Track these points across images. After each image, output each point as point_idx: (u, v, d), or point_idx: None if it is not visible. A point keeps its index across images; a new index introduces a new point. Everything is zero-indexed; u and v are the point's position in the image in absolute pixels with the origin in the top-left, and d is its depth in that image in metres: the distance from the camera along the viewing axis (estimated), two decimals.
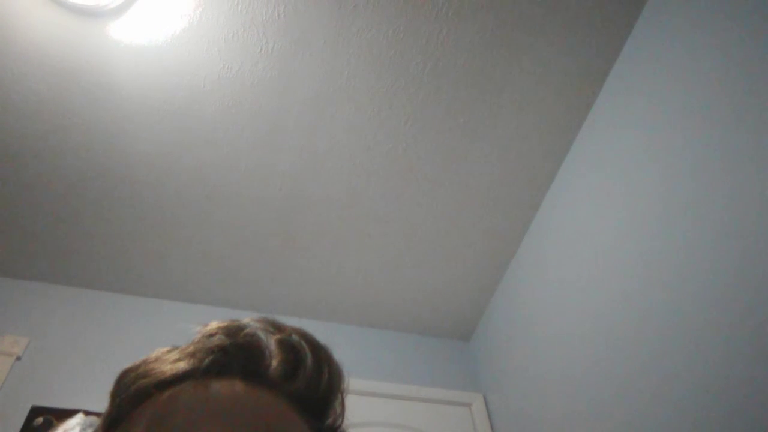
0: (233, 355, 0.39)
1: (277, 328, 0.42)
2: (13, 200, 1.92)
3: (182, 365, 0.39)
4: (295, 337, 0.42)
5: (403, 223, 2.11)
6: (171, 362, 0.39)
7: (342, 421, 0.42)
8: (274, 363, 0.40)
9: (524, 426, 1.97)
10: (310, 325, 2.40)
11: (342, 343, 2.39)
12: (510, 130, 1.88)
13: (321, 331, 2.41)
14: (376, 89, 1.75)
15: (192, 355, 0.39)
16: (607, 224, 1.69)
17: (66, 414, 1.77)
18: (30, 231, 2.01)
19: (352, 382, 2.17)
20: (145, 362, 0.40)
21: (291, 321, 0.44)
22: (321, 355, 0.42)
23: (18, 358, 1.89)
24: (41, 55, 1.61)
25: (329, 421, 0.41)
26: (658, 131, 1.53)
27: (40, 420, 1.74)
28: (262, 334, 0.41)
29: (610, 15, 1.65)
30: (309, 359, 0.41)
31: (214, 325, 0.42)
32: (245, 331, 0.41)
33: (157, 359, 0.40)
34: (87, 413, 1.78)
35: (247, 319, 0.42)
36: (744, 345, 1.16)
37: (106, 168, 1.86)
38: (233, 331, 0.41)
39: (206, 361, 0.38)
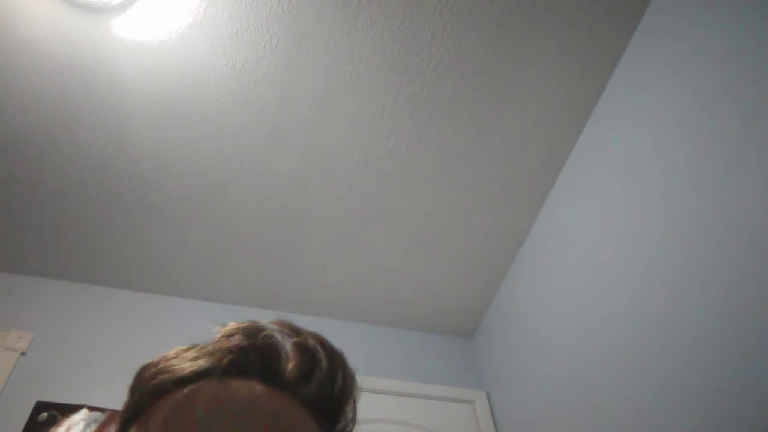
0: (251, 357, 0.40)
1: (294, 331, 0.43)
2: (17, 196, 1.92)
3: (201, 363, 0.40)
4: (311, 341, 0.42)
5: (407, 219, 2.10)
6: (190, 360, 0.40)
7: (353, 426, 0.43)
8: (290, 366, 0.41)
9: (527, 423, 1.97)
10: (312, 322, 2.40)
11: (345, 340, 2.38)
12: (514, 127, 1.87)
13: (323, 329, 2.41)
14: (380, 85, 1.75)
15: (211, 354, 0.40)
16: (611, 222, 1.68)
17: (70, 409, 1.78)
18: (34, 227, 2.01)
19: None
20: (164, 358, 0.41)
21: (293, 318, 0.45)
22: (336, 360, 0.42)
23: (23, 354, 1.90)
24: (45, 51, 1.61)
25: (340, 425, 0.42)
26: (662, 128, 1.52)
27: (44, 415, 1.75)
28: (279, 337, 0.42)
29: (614, 11, 1.64)
30: (324, 363, 0.42)
31: (233, 325, 0.43)
32: (264, 333, 0.42)
33: (176, 356, 0.41)
34: (91, 408, 1.79)
35: (266, 321, 0.43)
36: (747, 345, 1.16)
37: (111, 164, 1.87)
38: (252, 332, 0.42)
39: (225, 360, 0.39)
